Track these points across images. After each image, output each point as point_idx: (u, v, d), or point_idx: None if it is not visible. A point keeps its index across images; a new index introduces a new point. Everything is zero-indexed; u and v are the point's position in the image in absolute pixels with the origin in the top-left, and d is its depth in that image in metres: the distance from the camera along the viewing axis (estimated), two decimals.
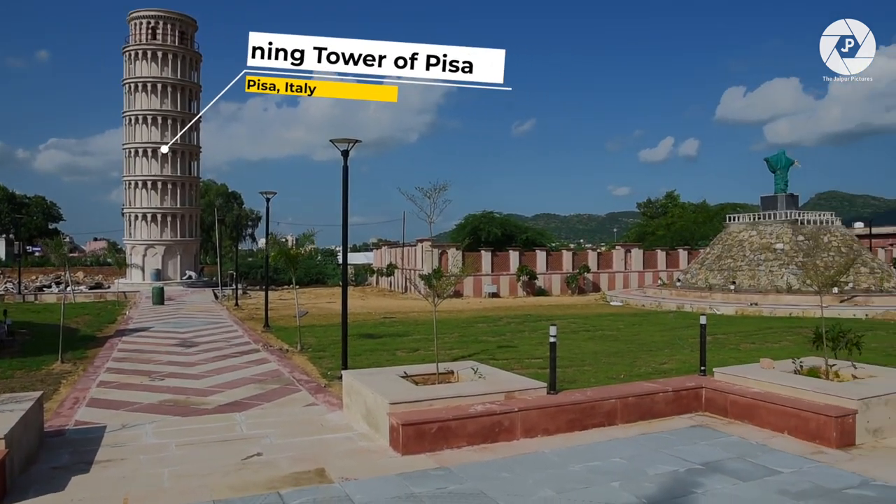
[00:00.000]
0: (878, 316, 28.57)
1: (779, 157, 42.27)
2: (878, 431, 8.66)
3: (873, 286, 35.48)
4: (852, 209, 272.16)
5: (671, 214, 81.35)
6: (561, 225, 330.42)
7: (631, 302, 38.45)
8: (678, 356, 16.93)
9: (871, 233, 64.84)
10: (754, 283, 36.85)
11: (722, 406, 9.79)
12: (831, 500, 6.69)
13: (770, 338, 21.44)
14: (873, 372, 10.19)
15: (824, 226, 39.61)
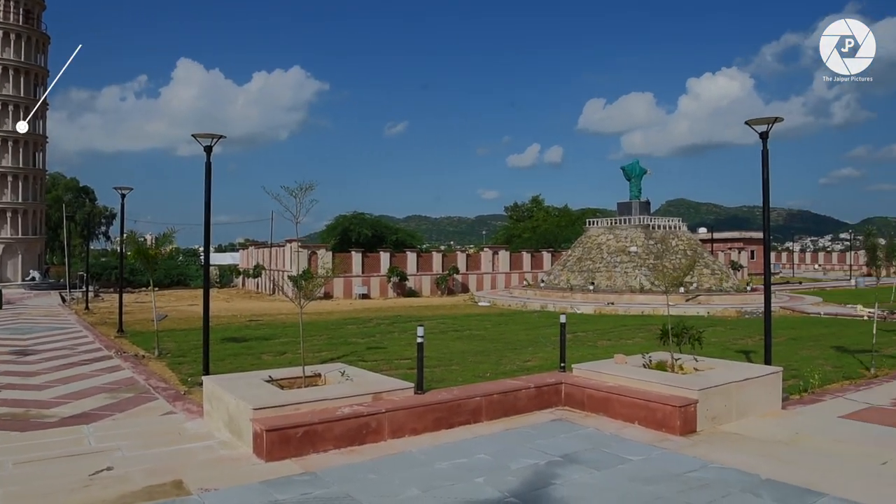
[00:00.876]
0: (717, 313, 31.18)
1: (633, 166, 45.20)
2: (715, 418, 9.45)
3: (714, 286, 38.72)
4: (697, 216, 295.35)
5: (536, 218, 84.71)
6: (432, 227, 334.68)
7: (498, 302, 39.59)
8: (541, 354, 17.62)
9: (712, 238, 70.79)
10: (611, 283, 39.09)
11: (580, 400, 10.30)
12: (675, 483, 7.22)
13: (625, 335, 22.81)
14: (712, 364, 11.11)
15: (673, 230, 42.75)
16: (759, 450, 8.49)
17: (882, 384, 13.43)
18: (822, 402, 11.57)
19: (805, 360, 16.17)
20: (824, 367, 14.95)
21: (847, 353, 17.57)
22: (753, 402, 10.15)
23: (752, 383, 10.14)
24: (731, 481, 7.26)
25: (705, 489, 7.01)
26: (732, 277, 43.21)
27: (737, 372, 10.52)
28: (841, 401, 11.73)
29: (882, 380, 13.92)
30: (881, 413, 10.83)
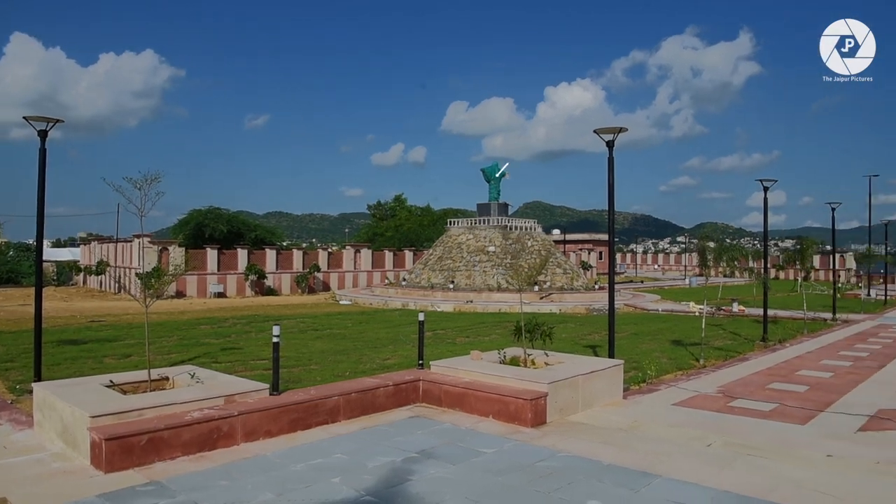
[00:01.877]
0: (568, 310, 32.86)
1: (493, 168, 46.61)
2: (563, 409, 9.96)
3: (566, 285, 40.78)
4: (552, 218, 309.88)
5: (399, 217, 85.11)
6: (293, 224, 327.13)
7: (359, 301, 39.39)
8: (401, 352, 17.74)
9: (565, 239, 74.48)
10: (470, 282, 40.08)
11: (437, 396, 10.48)
12: (525, 473, 7.53)
13: (482, 332, 23.47)
14: (561, 359, 11.70)
15: (528, 231, 44.55)
16: (602, 437, 9.06)
17: (709, 373, 14.76)
18: (658, 392, 12.54)
19: (644, 353, 17.41)
20: (661, 360, 16.20)
21: (681, 345, 19.13)
22: (598, 393, 10.80)
23: (596, 376, 10.79)
24: (576, 468, 7.69)
25: (553, 477, 7.37)
26: (582, 277, 45.71)
27: (583, 365, 11.15)
28: (674, 390, 12.77)
29: (709, 369, 15.30)
30: (707, 400, 11.90)
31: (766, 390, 12.92)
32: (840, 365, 16.22)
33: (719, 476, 7.47)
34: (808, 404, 11.65)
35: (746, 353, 18.14)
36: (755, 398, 12.12)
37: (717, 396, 12.21)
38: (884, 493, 7.05)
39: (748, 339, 20.85)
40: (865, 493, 7.04)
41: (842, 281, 66.77)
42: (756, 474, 7.56)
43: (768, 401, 11.90)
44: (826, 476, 7.60)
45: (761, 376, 14.51)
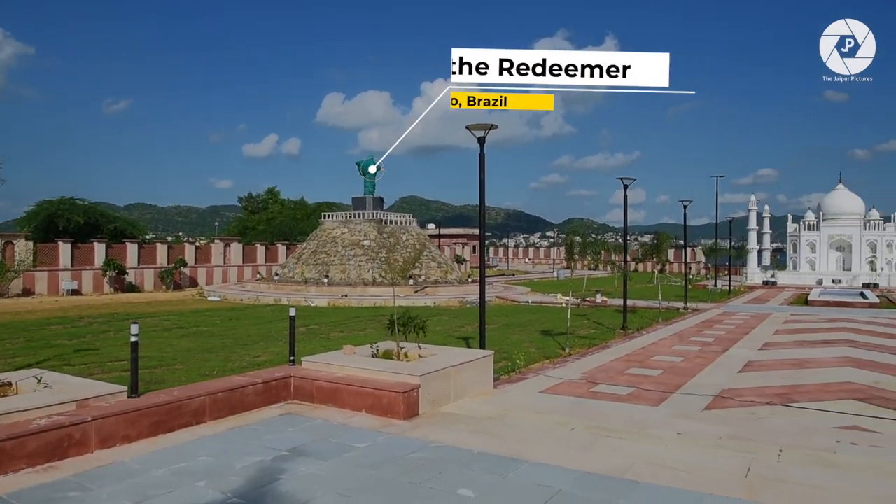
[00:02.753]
0: (443, 303, 33.38)
1: (368, 162, 46.37)
2: (435, 401, 10.11)
3: (440, 278, 41.35)
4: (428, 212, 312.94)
5: (272, 210, 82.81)
6: (158, 216, 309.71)
7: (229, 297, 37.99)
8: (273, 348, 17.31)
9: (440, 233, 75.48)
10: (345, 276, 39.72)
11: (309, 392, 10.31)
12: (398, 465, 7.57)
13: (357, 326, 23.36)
14: (434, 351, 11.86)
15: (404, 225, 44.75)
16: (473, 427, 9.27)
17: (574, 361, 15.51)
18: (526, 380, 13.02)
19: (514, 343, 18.02)
20: (529, 349, 16.84)
21: (549, 335, 19.96)
22: (470, 383, 11.05)
23: (468, 367, 11.03)
24: (447, 458, 7.82)
25: (424, 468, 7.46)
26: (456, 270, 46.54)
27: (455, 357, 11.35)
28: (542, 378, 13.31)
29: (574, 357, 16.08)
30: (572, 386, 12.51)
31: (624, 375, 13.77)
32: (690, 350, 17.56)
33: (582, 458, 7.87)
34: (661, 387, 12.53)
35: (608, 341, 19.22)
36: (615, 383, 12.89)
37: (580, 383, 12.86)
38: (725, 464, 7.70)
39: (610, 328, 22.09)
40: (709, 465, 7.66)
41: (693, 273, 72.26)
42: (614, 455, 8.03)
43: (627, 385, 12.69)
44: (676, 452, 8.20)
45: (621, 362, 15.43)
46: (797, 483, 7.10)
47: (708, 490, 6.84)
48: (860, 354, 16.89)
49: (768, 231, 63.16)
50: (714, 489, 6.88)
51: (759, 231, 61.41)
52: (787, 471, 7.54)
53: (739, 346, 18.61)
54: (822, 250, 58.28)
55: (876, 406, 11.21)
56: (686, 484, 7.01)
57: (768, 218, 62.92)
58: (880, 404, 11.35)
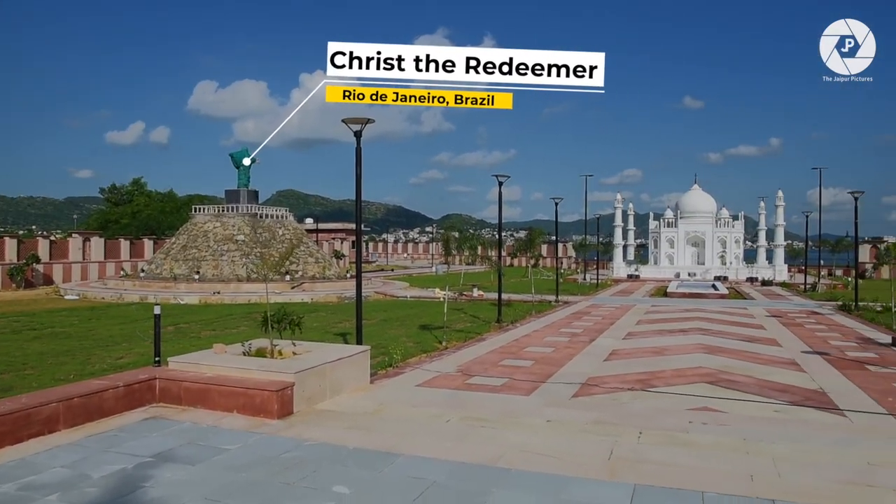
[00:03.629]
0: (321, 299, 32.89)
1: (242, 153, 44.77)
2: (311, 398, 9.95)
3: (318, 274, 40.71)
4: (307, 207, 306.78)
5: (138, 203, 78.13)
6: (7, 208, 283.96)
7: (89, 295, 35.50)
8: (137, 349, 16.37)
9: (318, 228, 74.27)
10: (218, 272, 38.20)
11: (176, 394, 9.83)
12: (271, 465, 7.38)
13: (230, 324, 22.54)
14: (310, 347, 11.66)
15: (280, 220, 43.64)
16: (348, 423, 9.21)
17: (451, 354, 15.76)
18: (403, 375, 13.09)
19: (392, 338, 18.07)
20: (407, 344, 16.94)
21: (426, 330, 20.16)
22: (346, 379, 10.97)
23: (344, 363, 10.94)
24: (322, 456, 7.73)
25: (298, 467, 7.33)
26: (335, 266, 45.99)
27: (331, 353, 11.22)
28: (418, 371, 13.43)
29: (451, 351, 16.34)
30: (448, 379, 12.71)
31: (499, 367, 14.16)
32: (560, 341, 18.34)
33: (456, 449, 8.01)
34: (532, 377, 13.00)
35: (484, 333, 19.69)
36: (489, 375, 13.23)
37: (456, 375, 13.09)
38: (590, 448, 8.10)
39: (486, 321, 22.63)
40: (576, 450, 8.04)
41: (564, 267, 75.39)
42: (487, 444, 8.24)
43: (500, 376, 13.06)
44: (546, 439, 8.55)
45: (495, 354, 15.86)
46: (654, 462, 7.60)
47: (575, 473, 7.18)
48: (711, 341, 18.32)
49: (632, 228, 67.08)
50: (580, 472, 7.23)
51: (624, 228, 65.07)
52: (645, 451, 8.05)
53: (605, 335, 19.65)
54: (679, 246, 62.64)
55: (724, 388, 12.20)
56: (555, 469, 7.32)
57: (632, 215, 66.84)
58: (727, 386, 12.36)
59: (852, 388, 12.32)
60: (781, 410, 10.66)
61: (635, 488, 6.70)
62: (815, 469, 7.51)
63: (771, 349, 17.23)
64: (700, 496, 6.52)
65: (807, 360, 15.37)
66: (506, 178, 23.39)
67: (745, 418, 10.13)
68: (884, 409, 10.64)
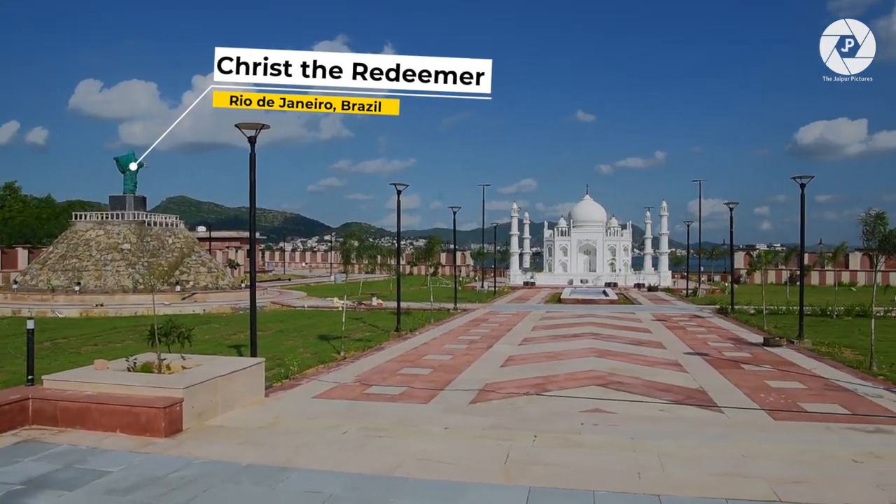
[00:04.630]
0: (214, 310, 31.68)
1: (129, 157, 42.48)
2: (202, 414, 9.55)
3: (211, 284, 39.22)
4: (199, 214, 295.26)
5: (11, 208, 72.63)
6: None
7: None
8: (8, 367, 15.19)
9: (211, 236, 71.59)
10: (101, 283, 36.06)
11: (52, 415, 9.17)
12: (157, 487, 7.02)
13: (114, 338, 21.30)
14: (200, 361, 11.20)
15: (170, 228, 41.74)
16: (242, 438, 8.91)
17: (349, 364, 15.59)
18: (300, 386, 12.82)
19: (289, 349, 17.66)
20: (304, 355, 16.61)
21: (324, 340, 19.83)
22: (239, 393, 10.61)
23: (237, 375, 10.58)
24: (213, 474, 7.43)
25: (188, 487, 7.01)
26: (229, 275, 44.48)
27: (224, 366, 10.83)
28: (315, 383, 13.19)
29: (349, 360, 16.16)
30: (346, 389, 12.56)
31: (397, 376, 14.14)
32: (458, 348, 18.54)
33: (354, 460, 7.92)
34: (431, 385, 13.06)
35: (383, 342, 19.60)
36: (388, 383, 13.18)
37: (354, 385, 12.96)
38: (487, 453, 8.21)
39: (385, 330, 22.55)
40: (474, 455, 8.14)
41: (462, 275, 76.36)
42: (385, 454, 8.19)
43: (399, 385, 13.04)
44: (444, 446, 8.60)
45: (394, 363, 15.83)
46: (548, 464, 7.81)
47: (472, 479, 7.26)
48: (601, 345, 19.07)
49: (528, 236, 68.88)
50: (477, 478, 7.32)
51: (520, 236, 66.70)
52: (540, 454, 8.26)
53: (502, 342, 20.04)
54: (572, 254, 64.87)
55: (614, 390, 12.72)
56: (452, 475, 7.38)
57: (528, 224, 68.65)
58: (617, 388, 12.89)
59: (729, 385, 13.15)
60: (666, 409, 11.24)
61: (530, 491, 6.86)
62: (696, 463, 7.96)
63: (656, 351, 18.14)
64: (591, 495, 6.76)
65: (688, 361, 16.29)
66: (404, 186, 23.46)
67: (632, 418, 10.61)
68: (756, 405, 11.43)
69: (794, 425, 10.13)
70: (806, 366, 15.64)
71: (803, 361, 16.29)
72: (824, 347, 18.58)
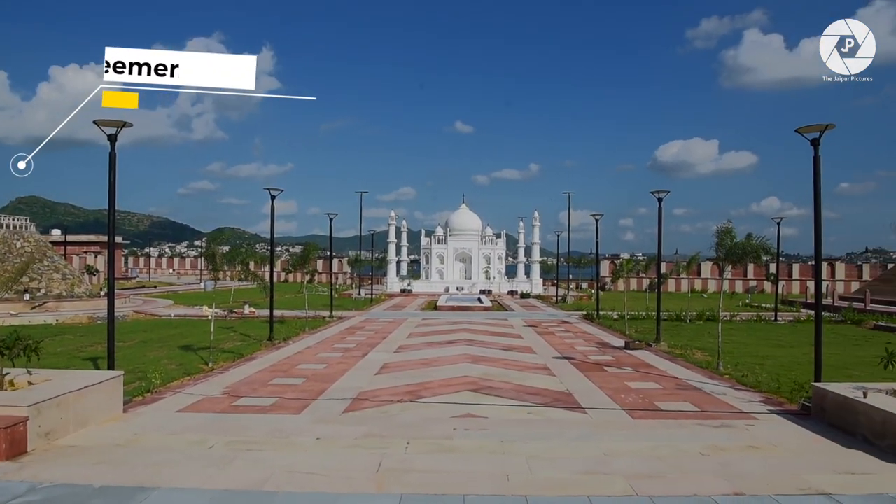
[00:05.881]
0: (68, 320, 29.38)
1: None
2: (50, 433, 8.83)
3: (66, 291, 36.39)
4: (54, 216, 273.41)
5: None
6: None
7: None
8: None
9: (66, 240, 66.49)
10: None
11: None
12: None
13: None
14: (50, 376, 10.36)
15: (18, 230, 38.40)
16: (96, 458, 8.31)
17: (217, 376, 14.97)
18: (163, 400, 12.16)
19: (152, 361, 16.70)
20: (169, 367, 15.76)
21: (191, 350, 18.92)
22: (94, 409, 9.91)
23: (91, 391, 9.88)
24: (61, 498, 6.87)
25: None
26: (86, 283, 41.45)
27: (76, 381, 10.06)
28: (180, 396, 12.56)
29: (217, 372, 15.52)
30: (213, 402, 12.05)
31: (268, 386, 13.74)
32: (333, 356, 18.29)
33: (220, 476, 7.60)
34: (304, 395, 12.80)
35: (254, 352, 18.98)
36: (258, 395, 12.78)
37: (222, 398, 12.46)
38: (359, 462, 8.13)
39: (257, 339, 21.86)
40: (346, 465, 8.04)
41: (339, 282, 75.57)
42: (254, 468, 7.93)
43: (270, 396, 12.68)
44: (315, 457, 8.44)
45: (266, 373, 15.37)
46: (420, 471, 7.87)
47: (343, 490, 7.18)
48: (475, 351, 19.48)
49: (406, 244, 69.17)
50: (349, 488, 7.24)
51: (398, 244, 66.94)
52: (412, 461, 8.30)
53: (378, 349, 19.99)
54: (449, 261, 65.92)
55: (485, 395, 13.02)
56: (323, 487, 7.26)
57: (406, 232, 68.96)
58: (488, 393, 13.21)
59: (593, 388, 13.84)
60: (534, 412, 11.64)
61: (402, 498, 6.88)
62: (562, 463, 8.30)
63: (527, 356, 18.76)
64: (462, 499, 6.87)
65: (556, 365, 16.98)
66: (279, 191, 22.88)
67: (503, 421, 10.91)
68: (617, 405, 12.10)
69: (651, 423, 10.81)
70: (662, 367, 16.75)
71: (660, 363, 17.43)
72: (678, 350, 19.96)
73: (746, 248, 16.55)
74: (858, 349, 20.64)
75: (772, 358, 18.38)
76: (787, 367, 16.43)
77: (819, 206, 11.93)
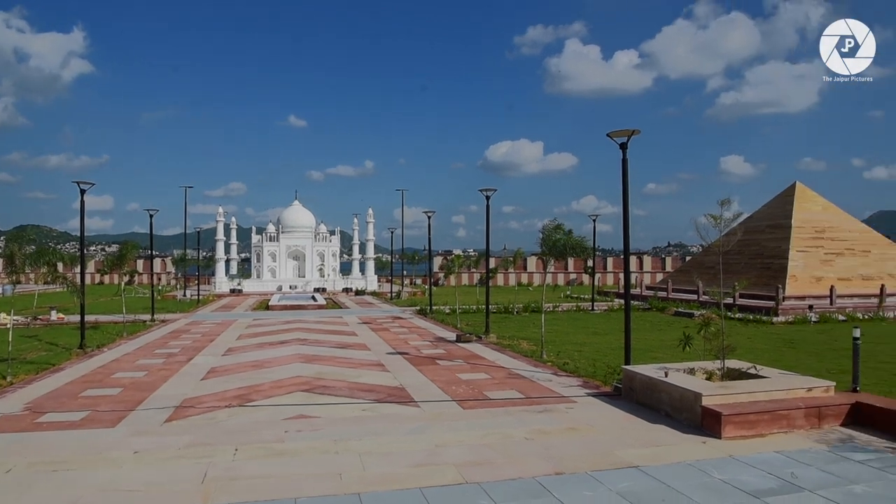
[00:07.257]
0: None
1: None
2: None
3: None
4: None
5: None
6: None
7: None
8: None
9: None
10: None
11: None
12: None
13: None
14: None
15: None
16: None
17: (18, 390, 13.47)
18: None
19: None
20: None
21: None
22: None
23: None
24: None
25: None
26: None
27: None
28: None
29: (18, 385, 13.98)
30: (12, 420, 10.83)
31: (79, 399, 12.60)
32: (154, 363, 17.14)
33: (20, 502, 6.86)
34: (120, 406, 11.88)
35: (63, 362, 17.30)
36: (67, 409, 11.68)
37: (23, 415, 11.24)
38: (183, 474, 7.70)
39: (66, 348, 19.96)
40: (167, 479, 7.57)
41: (162, 283, 71.04)
42: (61, 490, 7.24)
43: (81, 409, 11.64)
44: (132, 473, 7.86)
45: (76, 385, 14.08)
46: (249, 477, 7.61)
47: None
48: (308, 350, 19.15)
49: (236, 242, 66.36)
50: (170, 502, 6.83)
51: (227, 242, 64.02)
52: (241, 468, 8.00)
53: (204, 353, 19.01)
54: (281, 259, 64.23)
55: (318, 394, 12.85)
56: (141, 503, 6.79)
57: (236, 229, 66.15)
58: (322, 392, 13.06)
59: (426, 381, 14.13)
60: (368, 409, 11.68)
61: None
62: (395, 458, 8.40)
63: (361, 353, 18.77)
64: (293, 503, 6.74)
65: (390, 361, 17.15)
66: (90, 185, 20.96)
67: (336, 420, 10.84)
68: (448, 397, 12.46)
69: (480, 412, 11.25)
70: (491, 358, 17.48)
71: (489, 354, 18.18)
72: (506, 341, 20.95)
73: (568, 244, 17.79)
74: (662, 333, 22.87)
75: (589, 345, 19.85)
76: (603, 352, 17.84)
77: (627, 203, 13.06)
